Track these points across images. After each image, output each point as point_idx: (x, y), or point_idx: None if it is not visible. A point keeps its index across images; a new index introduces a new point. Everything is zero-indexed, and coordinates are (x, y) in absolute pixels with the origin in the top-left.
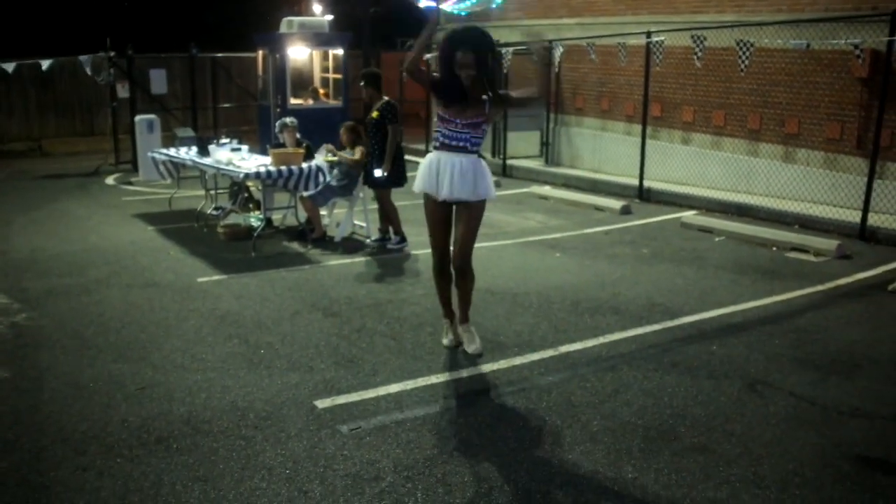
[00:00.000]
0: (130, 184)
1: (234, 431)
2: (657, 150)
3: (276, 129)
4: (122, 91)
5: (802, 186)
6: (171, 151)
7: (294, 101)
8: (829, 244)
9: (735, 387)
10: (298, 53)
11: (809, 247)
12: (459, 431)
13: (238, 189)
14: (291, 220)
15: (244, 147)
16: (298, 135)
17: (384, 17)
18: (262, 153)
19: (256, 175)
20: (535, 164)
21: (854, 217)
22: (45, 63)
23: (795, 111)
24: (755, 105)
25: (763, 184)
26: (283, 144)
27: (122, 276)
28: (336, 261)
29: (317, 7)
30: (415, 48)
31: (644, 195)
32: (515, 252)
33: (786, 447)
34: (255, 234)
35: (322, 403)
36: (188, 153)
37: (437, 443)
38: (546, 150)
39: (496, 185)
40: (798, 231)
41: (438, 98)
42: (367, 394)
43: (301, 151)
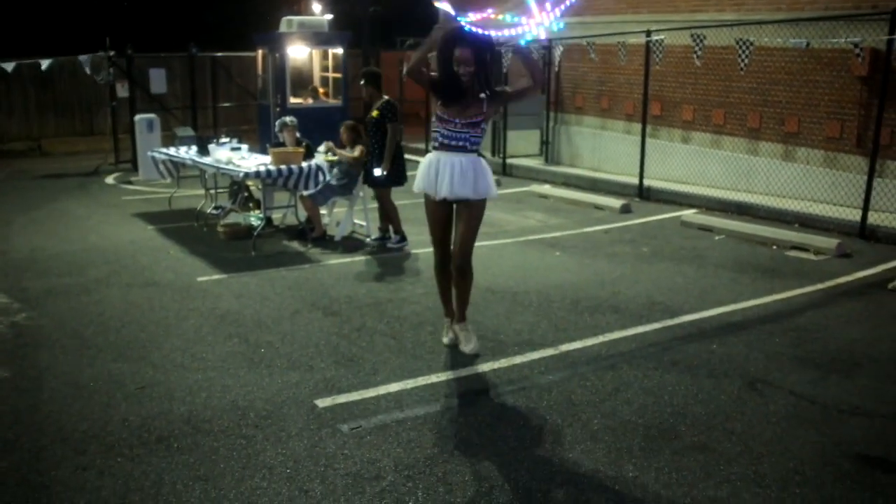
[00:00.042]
0: (130, 183)
1: (235, 430)
2: (657, 149)
3: (276, 129)
4: (122, 90)
5: (802, 185)
6: (171, 151)
7: (294, 101)
8: (829, 243)
9: (735, 385)
10: (298, 53)
11: (809, 245)
12: (460, 430)
13: (238, 188)
14: (291, 220)
15: (244, 146)
16: (298, 134)
17: (384, 17)
18: (262, 152)
19: (256, 174)
20: (535, 163)
21: (854, 215)
22: (45, 63)
23: (795, 110)
24: (755, 104)
25: (763, 182)
26: (283, 143)
27: (122, 276)
28: (336, 260)
29: (316, 6)
30: (419, 51)
31: (644, 194)
32: (515, 251)
33: (786, 446)
34: (255, 234)
35: (322, 402)
36: (188, 152)
37: (438, 442)
38: (546, 149)
39: (496, 184)
40: (798, 230)
41: (438, 97)
42: (368, 393)
43: (301, 150)
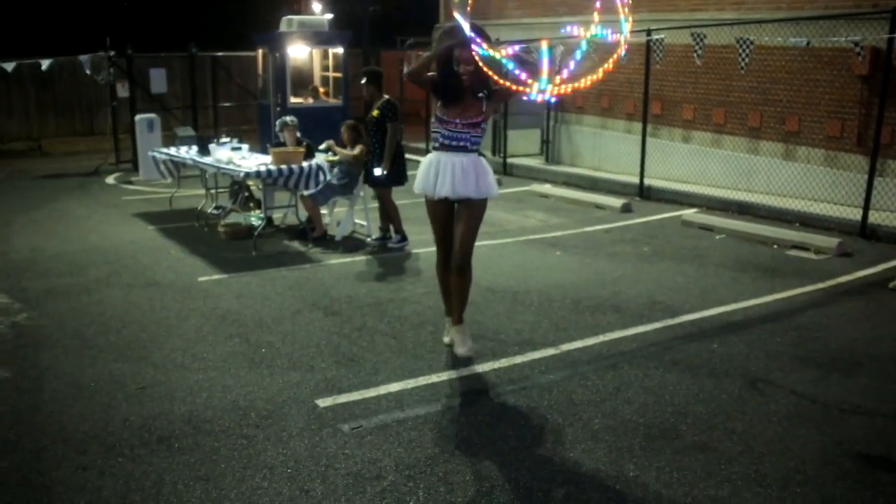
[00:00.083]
0: (130, 183)
1: (236, 430)
2: (657, 148)
3: (277, 128)
4: (122, 90)
5: (803, 184)
6: (172, 150)
7: (294, 100)
8: (830, 242)
9: (736, 385)
10: (298, 52)
11: (810, 244)
12: (461, 430)
13: (238, 188)
14: (292, 219)
15: (244, 146)
16: (299, 133)
17: (384, 16)
18: (263, 152)
19: (257, 174)
20: (536, 163)
21: (855, 215)
22: (45, 63)
23: (796, 109)
24: (755, 103)
25: (763, 182)
26: (284, 143)
27: (123, 276)
28: (337, 260)
29: (316, 6)
30: (425, 59)
31: (644, 193)
32: (516, 250)
33: (787, 445)
34: (256, 234)
35: (323, 402)
36: (188, 152)
37: (439, 441)
38: (546, 149)
39: (497, 184)
40: (799, 229)
41: (438, 98)
42: (369, 393)
43: (301, 150)
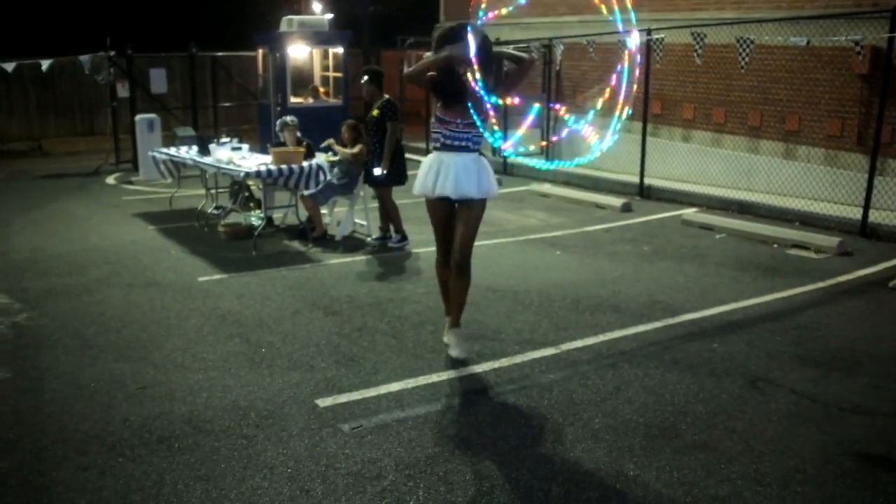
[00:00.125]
0: (131, 183)
1: (236, 430)
2: (657, 148)
3: (277, 128)
4: (122, 90)
5: (803, 183)
6: (172, 151)
7: (294, 100)
8: (830, 241)
9: (736, 384)
10: (298, 52)
11: (810, 244)
12: (461, 430)
13: (239, 188)
14: (292, 219)
15: (244, 146)
16: (299, 133)
17: (384, 16)
18: (263, 152)
19: (257, 174)
20: (536, 162)
21: (855, 214)
22: (45, 63)
23: (796, 108)
24: (755, 102)
25: (764, 181)
26: (284, 143)
27: (123, 276)
28: (337, 259)
29: (316, 6)
30: (426, 63)
31: (645, 193)
32: (516, 250)
33: (787, 444)
34: (256, 233)
35: (323, 402)
36: (188, 152)
37: (439, 441)
38: (546, 148)
39: (497, 183)
40: (799, 228)
41: (439, 98)
42: (369, 392)
43: (301, 150)
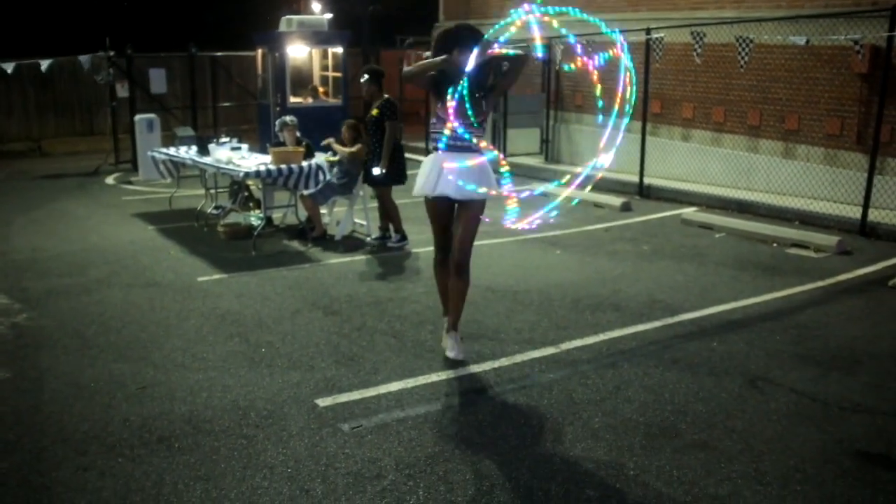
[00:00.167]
0: (130, 183)
1: (236, 430)
2: (657, 147)
3: (276, 128)
4: (122, 91)
5: (802, 182)
6: (171, 150)
7: (294, 100)
8: (830, 240)
9: (736, 383)
10: (298, 52)
11: (810, 243)
12: (461, 429)
13: (238, 188)
14: (291, 219)
15: (244, 146)
16: (298, 133)
17: (383, 15)
18: (262, 152)
19: (256, 174)
20: (536, 161)
21: (854, 213)
22: (45, 63)
23: (795, 107)
24: (755, 101)
25: (763, 180)
26: (283, 143)
27: (123, 276)
28: (336, 259)
29: (316, 5)
30: (424, 66)
31: (644, 192)
32: (516, 249)
33: (787, 443)
34: (256, 233)
35: (323, 402)
36: (188, 152)
37: (439, 441)
38: (546, 147)
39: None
40: (798, 227)
41: (440, 99)
42: (368, 392)
43: (301, 150)
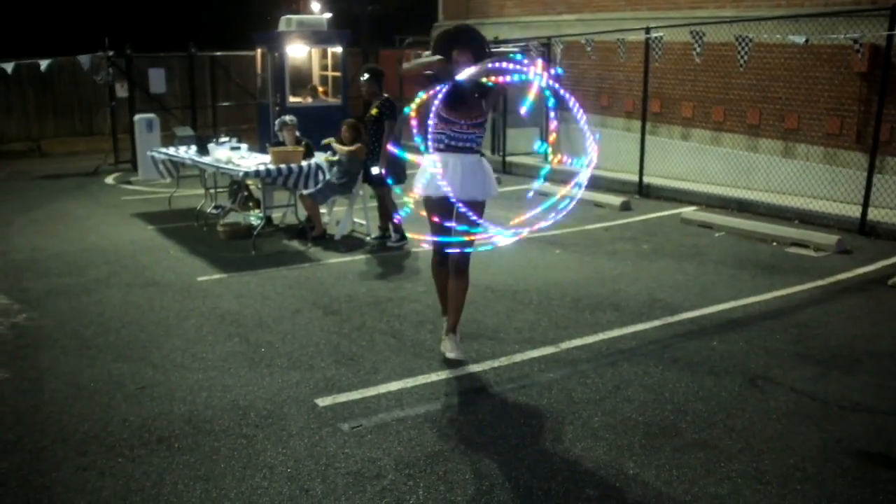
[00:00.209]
0: (130, 183)
1: (236, 430)
2: (657, 146)
3: (276, 128)
4: (121, 90)
5: (802, 181)
6: (171, 150)
7: (293, 100)
8: (829, 239)
9: (736, 382)
10: (297, 52)
11: (809, 242)
12: (460, 429)
13: (238, 188)
14: (291, 219)
15: (243, 145)
16: (298, 133)
17: (382, 15)
18: (262, 151)
19: (256, 173)
20: (535, 161)
21: (854, 212)
22: (44, 63)
23: (795, 106)
24: (754, 100)
25: (763, 179)
26: (283, 143)
27: (122, 276)
28: (336, 259)
29: (315, 5)
30: (420, 65)
31: (644, 191)
32: (515, 249)
33: (787, 442)
34: (255, 233)
35: (323, 402)
36: (187, 152)
37: (439, 440)
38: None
39: (497, 182)
40: (798, 226)
41: (441, 99)
42: (368, 392)
43: (300, 150)
